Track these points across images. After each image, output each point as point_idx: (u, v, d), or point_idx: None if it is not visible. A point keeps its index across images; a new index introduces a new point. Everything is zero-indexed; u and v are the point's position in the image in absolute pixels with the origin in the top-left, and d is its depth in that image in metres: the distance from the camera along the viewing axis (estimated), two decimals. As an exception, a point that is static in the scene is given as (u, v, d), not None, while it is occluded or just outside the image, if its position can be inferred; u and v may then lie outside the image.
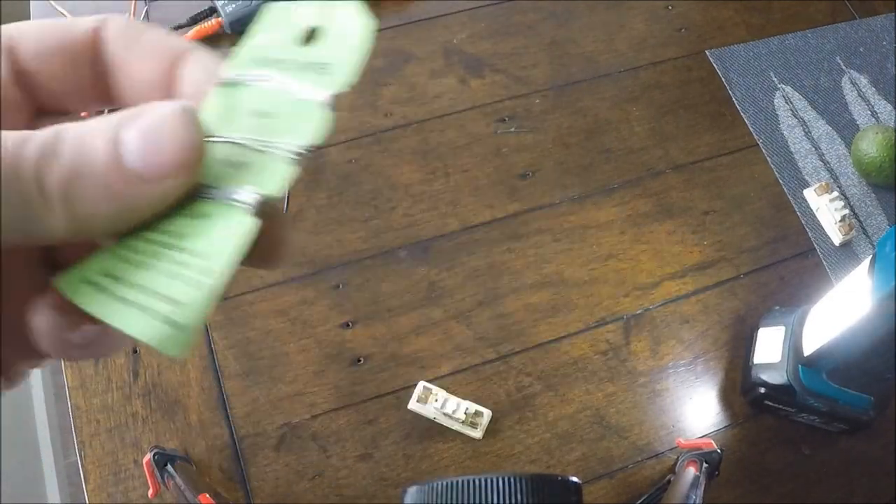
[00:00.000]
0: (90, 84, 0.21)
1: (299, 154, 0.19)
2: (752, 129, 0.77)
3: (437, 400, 0.60)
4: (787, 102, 0.79)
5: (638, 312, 0.67)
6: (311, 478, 0.59)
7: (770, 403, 0.61)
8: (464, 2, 0.80)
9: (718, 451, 0.58)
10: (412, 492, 0.18)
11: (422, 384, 0.61)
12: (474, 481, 0.17)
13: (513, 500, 0.16)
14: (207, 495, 0.51)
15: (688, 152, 0.75)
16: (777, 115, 0.78)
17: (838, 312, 0.55)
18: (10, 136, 0.16)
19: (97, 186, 0.16)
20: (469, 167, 0.72)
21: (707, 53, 0.81)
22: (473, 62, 0.77)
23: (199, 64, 0.20)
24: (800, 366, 0.59)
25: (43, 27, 0.20)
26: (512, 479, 0.17)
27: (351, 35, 0.20)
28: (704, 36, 0.82)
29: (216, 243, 0.17)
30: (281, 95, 0.20)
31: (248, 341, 0.63)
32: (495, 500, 0.16)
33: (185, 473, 0.53)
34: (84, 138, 0.16)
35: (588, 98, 0.77)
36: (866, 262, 0.53)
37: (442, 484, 0.17)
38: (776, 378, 0.60)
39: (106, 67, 0.21)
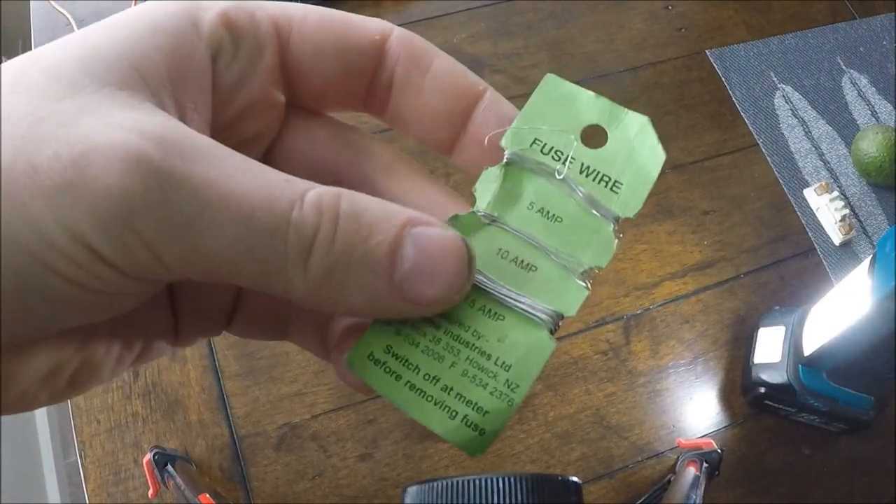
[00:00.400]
0: (363, 94, 0.20)
1: (590, 278, 0.18)
2: (752, 129, 0.77)
3: (437, 400, 0.60)
4: (787, 102, 0.79)
5: (638, 312, 0.67)
6: (311, 478, 0.59)
7: (770, 403, 0.61)
8: (463, 2, 0.80)
9: (718, 450, 0.58)
10: (412, 491, 0.18)
11: (422, 384, 0.61)
12: (474, 481, 0.17)
13: (513, 500, 0.16)
14: (207, 495, 0.51)
15: (688, 152, 0.75)
16: (777, 114, 0.78)
17: (838, 312, 0.55)
18: (286, 185, 0.15)
19: (359, 284, 0.15)
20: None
21: (707, 53, 0.81)
22: (473, 62, 0.77)
23: (492, 112, 0.19)
24: (800, 365, 0.59)
25: (326, 19, 0.18)
26: (512, 479, 0.17)
27: (647, 161, 0.19)
28: (704, 36, 0.82)
29: (523, 362, 0.17)
30: (568, 200, 0.19)
31: (249, 341, 0.63)
32: (495, 500, 0.16)
33: (186, 473, 0.53)
34: (371, 230, 0.15)
35: (588, 98, 0.77)
36: (866, 261, 0.53)
37: (442, 484, 0.17)
38: (776, 378, 0.60)
39: (389, 84, 0.19)
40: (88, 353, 0.17)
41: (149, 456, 0.54)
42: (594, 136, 0.19)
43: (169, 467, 0.53)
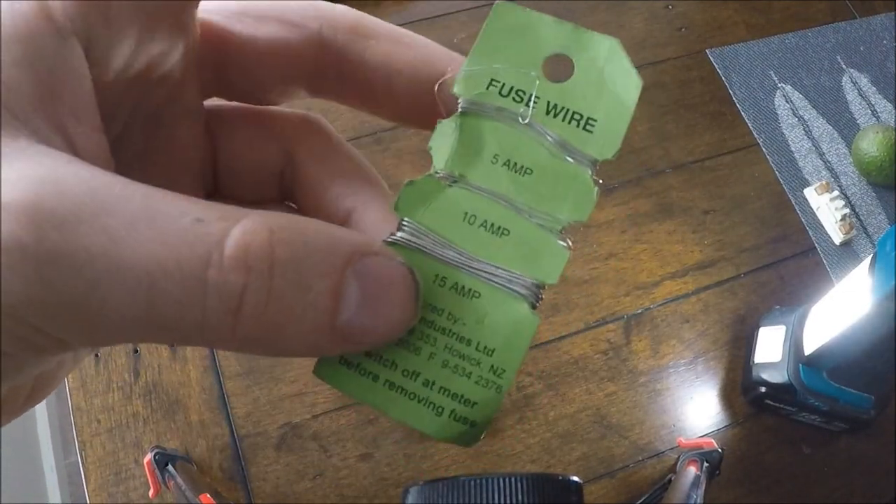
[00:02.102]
0: (306, 75, 0.18)
1: (569, 235, 0.16)
2: (752, 129, 0.77)
3: (437, 400, 0.60)
4: (787, 102, 0.79)
5: (638, 312, 0.67)
6: (311, 478, 0.59)
7: (770, 403, 0.61)
8: (464, 2, 0.80)
9: (719, 450, 0.58)
10: (413, 491, 0.18)
11: (422, 384, 0.61)
12: (475, 481, 0.17)
13: (514, 500, 0.16)
14: (208, 495, 0.51)
15: (688, 152, 0.75)
16: (777, 114, 0.78)
17: (839, 312, 0.55)
18: (196, 233, 0.12)
19: (297, 335, 0.13)
20: (469, 167, 0.72)
21: (707, 53, 0.81)
22: (473, 62, 0.77)
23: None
24: (800, 365, 0.59)
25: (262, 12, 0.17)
26: (513, 479, 0.17)
27: (621, 90, 0.16)
28: (704, 35, 0.82)
29: (507, 344, 0.16)
30: (536, 148, 0.16)
31: (249, 341, 0.63)
32: (496, 500, 0.16)
33: (186, 473, 0.53)
34: (312, 275, 0.13)
35: (588, 97, 0.77)
36: (867, 261, 0.53)
37: (443, 484, 0.17)
38: (777, 377, 0.60)
39: (337, 65, 0.17)
40: (45, 368, 0.15)
41: (149, 456, 0.54)
42: (559, 69, 0.17)
43: (169, 467, 0.53)
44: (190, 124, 0.18)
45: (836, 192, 0.72)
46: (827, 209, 0.71)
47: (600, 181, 0.16)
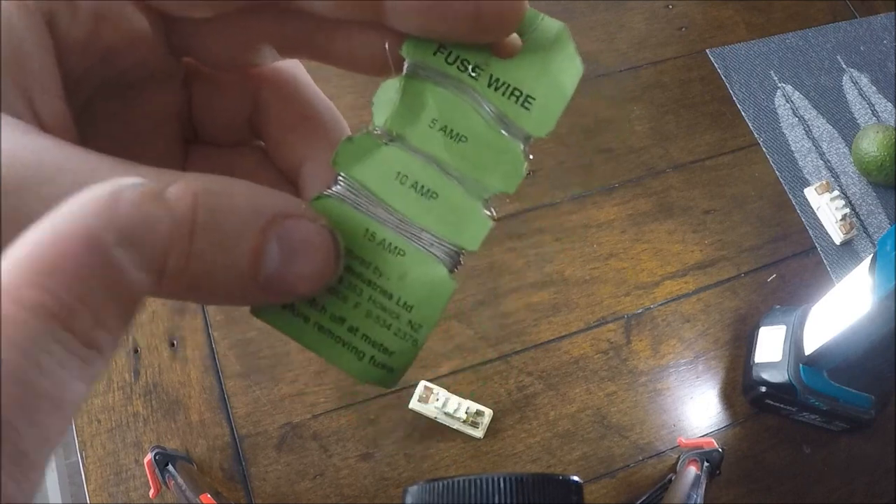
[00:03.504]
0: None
1: (493, 210, 0.17)
2: (752, 129, 0.77)
3: (438, 399, 0.60)
4: (787, 101, 0.79)
5: (639, 312, 0.67)
6: (312, 477, 0.59)
7: (771, 402, 0.61)
8: (464, 1, 0.80)
9: (719, 450, 0.58)
10: (413, 491, 0.18)
11: (423, 384, 0.61)
12: (475, 481, 0.17)
13: (514, 500, 0.16)
14: (208, 495, 0.51)
15: (688, 151, 0.75)
16: (777, 114, 0.78)
17: (839, 311, 0.55)
18: (147, 177, 0.13)
19: (221, 287, 0.14)
20: (469, 167, 0.72)
21: (707, 53, 0.81)
22: (474, 62, 0.77)
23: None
24: (801, 365, 0.59)
25: None
26: (513, 479, 0.17)
27: (562, 74, 0.17)
28: (705, 35, 0.82)
29: (424, 303, 0.17)
30: (474, 117, 0.17)
31: (249, 341, 0.63)
32: (496, 500, 0.16)
33: (187, 473, 0.53)
34: (233, 236, 0.14)
35: (588, 97, 0.77)
36: (867, 260, 0.53)
37: (443, 484, 0.17)
38: (777, 377, 0.60)
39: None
40: None
41: (150, 456, 0.54)
42: (506, 45, 0.17)
43: (170, 467, 0.53)
44: (163, 85, 0.19)
45: (836, 192, 0.72)
46: (827, 209, 0.71)
47: (531, 157, 0.17)
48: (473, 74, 0.17)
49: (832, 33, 0.84)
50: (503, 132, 0.17)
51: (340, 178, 0.17)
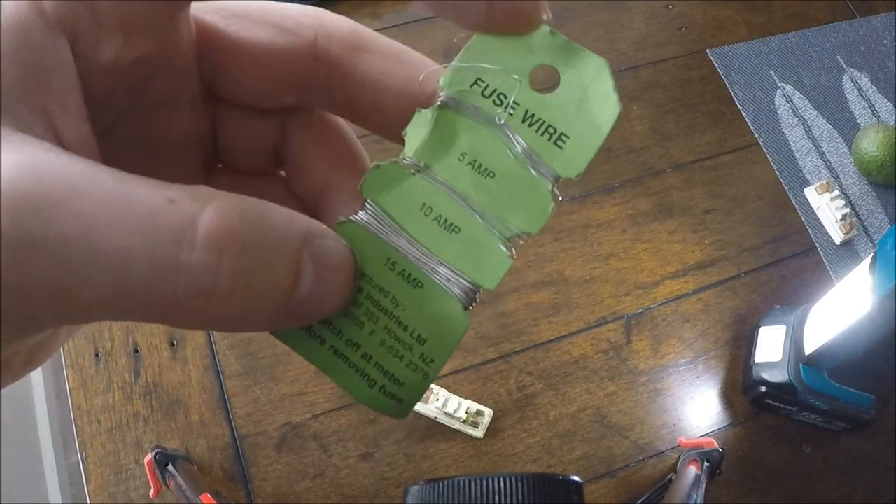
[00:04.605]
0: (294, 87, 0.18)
1: (515, 245, 0.17)
2: (752, 128, 0.77)
3: (438, 399, 0.60)
4: (787, 101, 0.79)
5: (639, 311, 0.67)
6: (312, 477, 0.59)
7: (771, 402, 0.61)
8: (464, 1, 0.80)
9: (720, 449, 0.58)
10: (413, 491, 0.18)
11: (423, 384, 0.61)
12: (476, 481, 0.17)
13: (514, 500, 0.16)
14: (209, 495, 0.51)
15: (688, 151, 0.75)
16: (777, 113, 0.78)
17: (839, 311, 0.55)
18: (168, 215, 0.12)
19: (256, 312, 0.14)
20: (469, 166, 0.72)
21: (707, 52, 0.81)
22: (474, 61, 0.77)
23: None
24: (801, 364, 0.59)
25: (261, 15, 0.17)
26: (513, 479, 0.17)
27: (599, 113, 0.17)
28: (705, 35, 0.82)
29: (438, 338, 0.17)
30: (504, 153, 0.17)
31: (249, 341, 0.63)
32: (497, 500, 0.16)
33: (187, 473, 0.53)
34: (275, 257, 0.14)
35: (588, 97, 0.77)
36: (867, 260, 0.53)
37: (443, 484, 0.17)
38: (777, 377, 0.60)
39: (327, 76, 0.18)
40: (34, 341, 0.16)
41: (150, 456, 0.54)
42: (546, 80, 0.17)
43: (170, 467, 0.53)
44: (189, 110, 0.18)
45: (836, 192, 0.72)
46: (827, 209, 0.71)
47: (560, 198, 0.17)
48: (510, 111, 0.17)
49: (832, 33, 0.84)
50: (532, 170, 0.17)
51: (367, 204, 0.17)
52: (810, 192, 0.74)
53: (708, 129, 0.77)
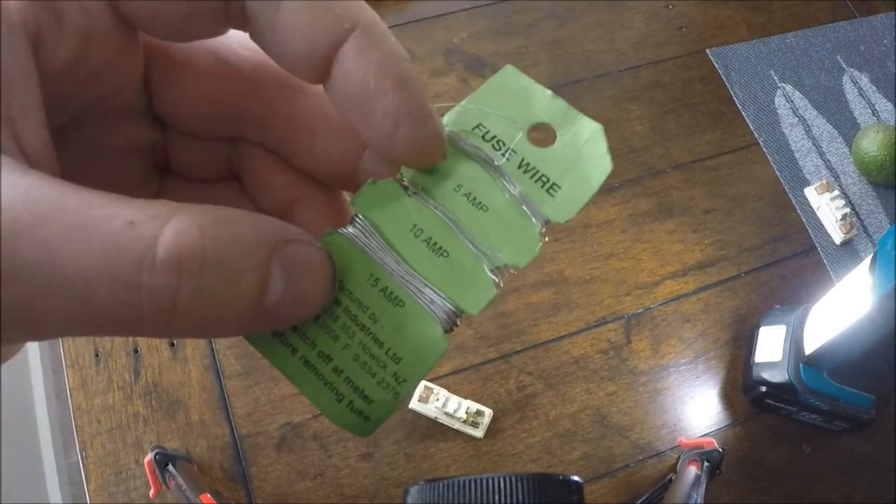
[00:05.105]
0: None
1: (500, 278, 0.17)
2: (752, 128, 0.77)
3: (438, 399, 0.60)
4: (787, 101, 0.79)
5: (639, 311, 0.67)
6: (312, 477, 0.59)
7: (771, 402, 0.61)
8: (464, 1, 0.80)
9: (720, 449, 0.58)
10: (413, 491, 0.18)
11: (423, 383, 0.61)
12: (476, 481, 0.17)
13: (514, 500, 0.16)
14: (209, 495, 0.51)
15: (688, 151, 0.75)
16: (778, 113, 0.78)
17: (839, 311, 0.55)
18: (129, 238, 0.13)
19: (227, 321, 0.14)
20: (469, 166, 0.72)
21: (707, 52, 0.81)
22: (474, 61, 0.77)
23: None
24: (801, 364, 0.59)
25: None
26: (513, 479, 0.17)
27: (591, 170, 0.17)
28: (705, 35, 0.82)
29: (414, 358, 0.17)
30: (498, 192, 0.17)
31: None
32: (497, 500, 0.16)
33: (187, 473, 0.53)
34: (241, 269, 0.14)
35: (588, 97, 0.77)
36: (867, 260, 0.53)
37: (443, 483, 0.17)
38: (777, 377, 0.60)
39: (264, 115, 0.18)
40: None
41: (150, 456, 0.54)
42: (542, 137, 0.18)
43: (170, 467, 0.53)
44: (137, 122, 0.18)
45: (836, 192, 0.72)
46: (827, 208, 0.71)
47: (547, 239, 0.17)
48: (506, 156, 0.18)
49: (832, 33, 0.84)
50: (524, 209, 0.17)
51: (357, 219, 0.17)
52: (810, 192, 0.74)
53: (708, 129, 0.77)
